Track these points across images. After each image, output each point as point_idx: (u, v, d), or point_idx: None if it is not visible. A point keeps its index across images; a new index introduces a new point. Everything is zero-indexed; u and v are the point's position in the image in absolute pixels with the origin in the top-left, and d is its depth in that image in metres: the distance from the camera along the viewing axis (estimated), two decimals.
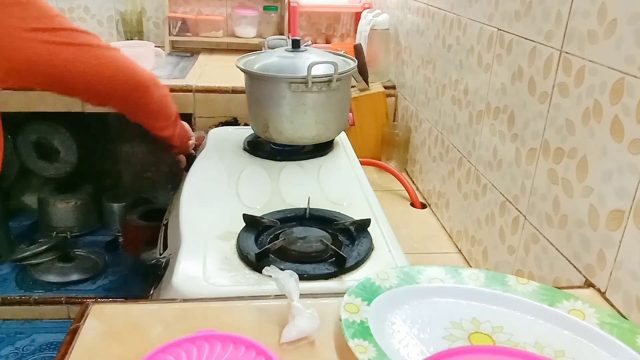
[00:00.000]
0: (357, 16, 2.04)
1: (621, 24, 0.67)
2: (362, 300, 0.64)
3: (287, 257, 0.82)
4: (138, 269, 2.11)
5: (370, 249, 0.85)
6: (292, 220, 0.93)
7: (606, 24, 0.69)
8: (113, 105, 1.03)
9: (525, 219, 0.90)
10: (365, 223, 0.90)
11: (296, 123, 1.16)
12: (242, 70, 1.19)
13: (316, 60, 1.11)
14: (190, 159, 1.24)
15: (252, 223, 0.89)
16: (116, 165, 2.40)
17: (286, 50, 1.21)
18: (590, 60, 0.73)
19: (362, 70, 1.55)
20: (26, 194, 2.39)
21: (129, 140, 2.36)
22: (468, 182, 1.13)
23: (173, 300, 0.71)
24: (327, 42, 2.23)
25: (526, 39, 0.89)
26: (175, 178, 1.68)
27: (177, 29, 2.17)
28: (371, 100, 1.60)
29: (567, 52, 0.78)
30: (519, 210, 0.92)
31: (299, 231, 0.87)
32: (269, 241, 0.86)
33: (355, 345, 0.56)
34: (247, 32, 2.21)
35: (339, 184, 1.09)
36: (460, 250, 1.19)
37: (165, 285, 0.81)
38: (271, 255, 0.82)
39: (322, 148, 1.24)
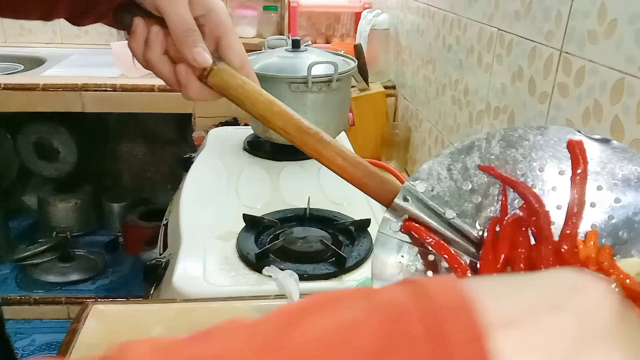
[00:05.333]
0: (357, 16, 2.04)
1: (621, 24, 0.67)
2: None
3: (287, 257, 0.82)
4: (138, 269, 2.11)
5: (370, 249, 0.85)
6: (292, 220, 0.93)
7: (606, 24, 0.69)
8: None
9: None
10: (365, 223, 0.90)
11: None
12: None
13: (316, 60, 1.11)
14: (190, 159, 1.24)
15: (252, 223, 0.89)
16: (116, 165, 2.40)
17: (286, 50, 1.21)
18: (590, 60, 0.73)
19: (362, 70, 1.55)
20: (26, 194, 2.39)
21: (129, 140, 2.36)
22: None
23: (173, 300, 0.71)
24: (327, 42, 2.23)
25: (526, 39, 0.89)
26: (175, 178, 1.68)
27: None
28: (371, 100, 1.60)
29: (567, 52, 0.78)
30: None
31: (299, 231, 0.87)
32: (269, 241, 0.86)
33: None
34: (247, 32, 2.20)
35: (339, 184, 1.09)
36: None
37: (165, 285, 0.81)
38: (271, 255, 0.82)
39: None
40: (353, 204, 1.01)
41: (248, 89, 0.47)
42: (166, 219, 1.12)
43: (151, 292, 0.88)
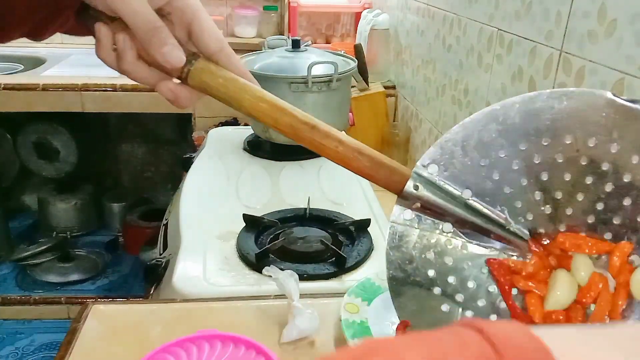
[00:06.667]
0: (357, 16, 2.04)
1: (621, 24, 0.67)
2: (362, 300, 0.64)
3: (287, 257, 0.82)
4: (138, 269, 2.11)
5: (370, 249, 0.85)
6: (292, 220, 0.93)
7: (606, 24, 0.69)
8: None
9: None
10: (365, 223, 0.90)
11: None
12: None
13: (316, 60, 1.11)
14: (190, 159, 1.24)
15: (252, 223, 0.89)
16: (116, 165, 2.40)
17: (286, 50, 1.21)
18: (590, 60, 0.73)
19: (362, 70, 1.55)
20: (26, 194, 2.39)
21: (129, 140, 2.36)
22: None
23: (173, 300, 0.71)
24: (327, 42, 2.23)
25: (526, 39, 0.89)
26: (175, 178, 1.68)
27: None
28: (371, 100, 1.60)
29: (567, 52, 0.78)
30: None
31: (299, 231, 0.87)
32: (269, 241, 0.86)
33: None
34: (247, 32, 2.21)
35: (339, 184, 1.09)
36: None
37: (165, 285, 0.81)
38: (271, 255, 0.82)
39: None
40: (353, 204, 1.01)
41: (231, 88, 0.43)
42: (166, 219, 1.12)
43: (151, 292, 0.88)
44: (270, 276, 0.63)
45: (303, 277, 0.74)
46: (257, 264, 0.79)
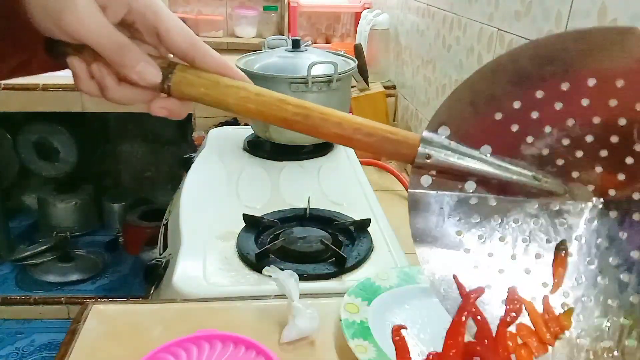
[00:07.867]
0: (357, 16, 2.04)
1: (621, 24, 0.67)
2: (362, 300, 0.64)
3: (287, 257, 0.82)
4: (138, 269, 2.11)
5: (370, 249, 0.85)
6: (292, 220, 0.93)
7: (606, 24, 0.69)
8: None
9: None
10: (365, 223, 0.90)
11: None
12: (242, 70, 1.19)
13: (316, 60, 1.11)
14: (190, 159, 1.24)
15: (252, 223, 0.89)
16: (116, 165, 2.41)
17: (286, 50, 1.21)
18: None
19: (362, 70, 1.55)
20: (26, 194, 2.39)
21: (129, 140, 2.37)
22: None
23: (173, 300, 0.71)
24: (327, 42, 2.23)
25: (526, 39, 0.89)
26: (175, 178, 1.68)
27: None
28: (371, 100, 1.60)
29: None
30: None
31: (299, 231, 0.87)
32: (269, 241, 0.86)
33: (355, 345, 0.56)
34: (247, 32, 2.21)
35: (339, 184, 1.09)
36: None
37: (165, 285, 0.81)
38: (271, 255, 0.82)
39: (322, 148, 1.24)
40: (353, 204, 1.01)
41: (214, 96, 0.42)
42: (166, 219, 1.12)
43: (151, 292, 0.88)
44: (270, 276, 0.63)
45: (303, 277, 0.74)
46: (257, 264, 0.79)
